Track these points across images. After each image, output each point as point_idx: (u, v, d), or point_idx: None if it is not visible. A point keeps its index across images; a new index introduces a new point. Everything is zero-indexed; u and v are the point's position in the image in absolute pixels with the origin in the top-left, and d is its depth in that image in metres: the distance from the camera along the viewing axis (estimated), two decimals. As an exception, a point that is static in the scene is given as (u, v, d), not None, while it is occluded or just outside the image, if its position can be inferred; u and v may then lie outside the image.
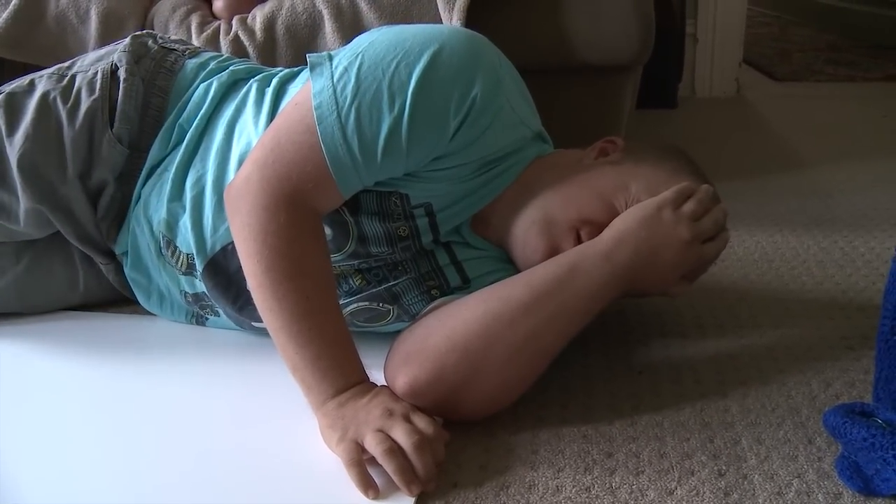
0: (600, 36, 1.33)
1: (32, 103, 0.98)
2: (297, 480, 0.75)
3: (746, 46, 2.57)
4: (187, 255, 0.95)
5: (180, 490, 0.74)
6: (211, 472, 0.77)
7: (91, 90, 0.98)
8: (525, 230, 0.89)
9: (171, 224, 0.95)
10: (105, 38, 1.27)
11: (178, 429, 0.84)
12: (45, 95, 0.98)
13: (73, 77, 1.00)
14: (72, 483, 0.76)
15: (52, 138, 0.97)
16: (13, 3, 1.31)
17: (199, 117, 0.97)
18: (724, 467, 0.75)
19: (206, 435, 0.83)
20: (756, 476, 0.74)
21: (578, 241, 0.86)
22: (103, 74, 0.99)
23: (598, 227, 0.85)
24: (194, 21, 1.31)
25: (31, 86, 1.00)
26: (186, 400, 0.89)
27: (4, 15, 1.30)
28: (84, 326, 1.06)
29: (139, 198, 0.99)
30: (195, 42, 1.28)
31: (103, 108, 0.97)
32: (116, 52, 1.02)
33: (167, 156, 0.98)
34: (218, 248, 0.93)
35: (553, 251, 0.86)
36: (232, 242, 0.84)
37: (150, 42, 1.05)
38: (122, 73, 0.99)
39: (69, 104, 0.98)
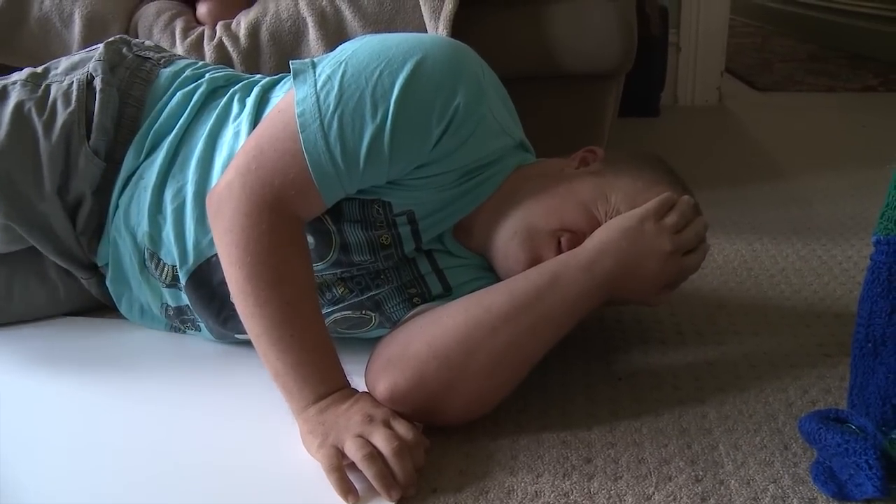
0: (583, 45, 1.34)
1: (7, 114, 0.96)
2: (278, 486, 0.75)
3: (728, 56, 2.60)
4: (171, 266, 0.95)
5: (160, 496, 0.74)
6: (192, 478, 0.76)
7: (67, 102, 0.97)
8: (507, 241, 0.89)
9: (155, 237, 0.95)
10: (88, 42, 1.27)
11: (159, 435, 0.83)
12: (19, 106, 0.97)
13: (48, 87, 0.99)
14: (50, 487, 0.75)
15: (27, 151, 0.95)
16: (-4, 5, 1.31)
17: (177, 126, 0.97)
18: (701, 473, 0.76)
19: (186, 440, 0.82)
20: (732, 481, 0.75)
21: (559, 249, 0.86)
22: (79, 85, 0.98)
23: (578, 236, 0.86)
24: (178, 26, 1.31)
25: (4, 93, 0.99)
26: (167, 405, 0.89)
27: (-14, 17, 1.30)
28: (66, 331, 1.06)
29: (117, 208, 0.98)
30: (179, 47, 1.27)
31: (80, 121, 0.96)
32: (91, 60, 1.01)
33: (141, 164, 0.97)
34: (202, 260, 0.92)
35: (534, 262, 0.86)
36: (215, 254, 0.84)
37: (124, 49, 1.04)
38: (98, 84, 0.98)
39: (45, 116, 0.96)
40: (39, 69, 1.03)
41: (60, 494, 0.75)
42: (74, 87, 0.98)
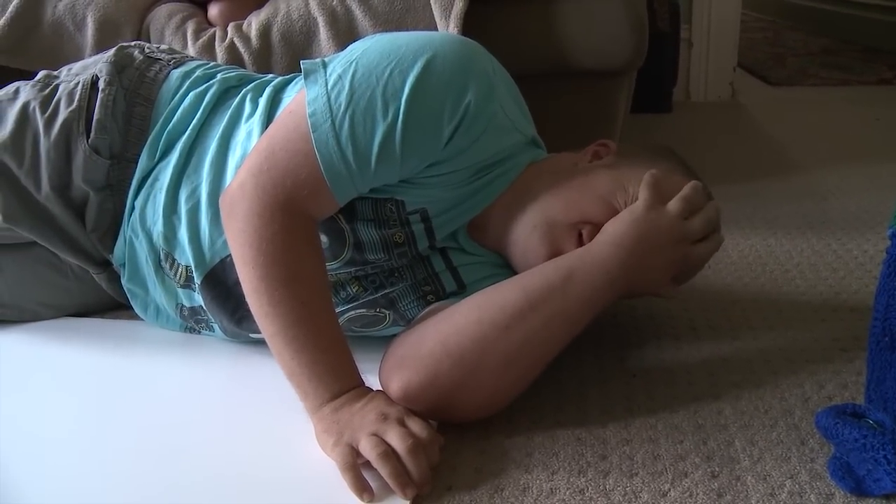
0: (594, 41, 1.34)
1: (13, 112, 0.98)
2: (293, 484, 0.75)
3: (741, 51, 2.58)
4: (186, 267, 0.95)
5: (175, 493, 0.75)
6: (206, 476, 0.77)
7: (70, 101, 0.98)
8: (526, 236, 0.89)
9: (170, 237, 0.95)
10: (101, 45, 1.28)
11: (174, 432, 0.84)
12: (25, 105, 0.99)
13: (56, 87, 1.00)
14: (62, 486, 0.76)
15: (28, 148, 0.97)
16: (9, 9, 1.32)
17: (190, 127, 0.97)
18: (717, 469, 0.76)
19: (201, 438, 0.83)
20: (749, 477, 0.74)
21: (580, 242, 0.86)
22: (83, 85, 0.99)
23: (599, 228, 0.85)
24: (190, 28, 1.31)
25: (16, 94, 1.01)
26: (182, 403, 0.90)
27: (0, 22, 1.31)
28: (79, 331, 1.07)
29: (133, 209, 0.98)
30: (191, 49, 1.28)
31: (79, 119, 0.97)
32: (100, 62, 1.02)
33: (156, 165, 0.98)
34: (216, 260, 0.93)
35: (555, 256, 0.86)
36: (230, 255, 0.84)
37: (135, 52, 1.05)
38: (101, 84, 0.99)
39: (47, 114, 0.98)
40: (55, 71, 1.04)
41: (72, 494, 0.75)
42: (79, 87, 0.99)
